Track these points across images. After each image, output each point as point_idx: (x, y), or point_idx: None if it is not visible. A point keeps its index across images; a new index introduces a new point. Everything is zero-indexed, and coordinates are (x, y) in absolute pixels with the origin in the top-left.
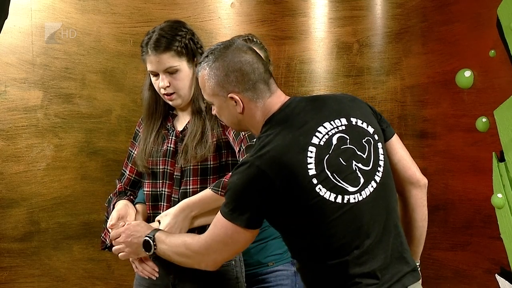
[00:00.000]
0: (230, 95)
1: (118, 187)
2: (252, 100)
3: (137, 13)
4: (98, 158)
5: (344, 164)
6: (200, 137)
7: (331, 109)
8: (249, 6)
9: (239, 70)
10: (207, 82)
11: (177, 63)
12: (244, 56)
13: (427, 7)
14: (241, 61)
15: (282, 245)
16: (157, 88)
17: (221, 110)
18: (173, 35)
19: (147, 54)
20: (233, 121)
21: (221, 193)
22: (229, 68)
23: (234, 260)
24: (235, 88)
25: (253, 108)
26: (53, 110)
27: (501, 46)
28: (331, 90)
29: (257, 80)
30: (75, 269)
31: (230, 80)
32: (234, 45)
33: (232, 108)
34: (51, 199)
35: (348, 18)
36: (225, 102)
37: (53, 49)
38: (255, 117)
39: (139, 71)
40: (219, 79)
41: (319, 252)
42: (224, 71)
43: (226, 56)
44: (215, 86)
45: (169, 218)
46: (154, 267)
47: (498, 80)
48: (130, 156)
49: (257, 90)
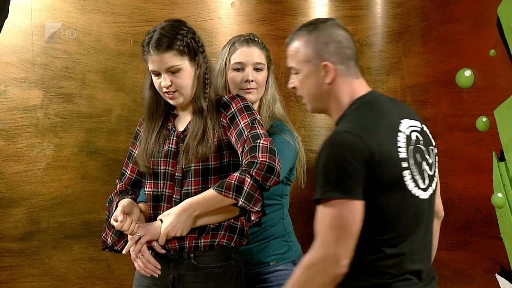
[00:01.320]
0: (324, 63)
1: (118, 187)
2: (342, 74)
3: (137, 12)
4: (98, 157)
5: (419, 161)
6: (202, 136)
7: (407, 109)
8: (249, 5)
9: (339, 42)
10: (302, 48)
11: (179, 62)
12: (343, 31)
13: (427, 6)
14: (341, 35)
15: (283, 245)
16: (158, 88)
17: (306, 79)
18: (175, 34)
19: (149, 54)
20: (316, 92)
21: (224, 193)
22: (330, 38)
23: (234, 260)
24: (332, 58)
25: (341, 82)
26: (53, 110)
27: (501, 46)
28: None
29: (351, 57)
30: (75, 269)
31: (329, 50)
32: (334, 21)
33: (320, 78)
34: (51, 198)
35: (348, 17)
36: (316, 71)
37: (53, 49)
38: (340, 93)
39: (139, 71)
40: (318, 46)
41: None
42: (325, 40)
43: (329, 27)
44: (311, 53)
45: (171, 217)
46: (156, 264)
47: (498, 79)
48: (131, 156)
49: (349, 67)
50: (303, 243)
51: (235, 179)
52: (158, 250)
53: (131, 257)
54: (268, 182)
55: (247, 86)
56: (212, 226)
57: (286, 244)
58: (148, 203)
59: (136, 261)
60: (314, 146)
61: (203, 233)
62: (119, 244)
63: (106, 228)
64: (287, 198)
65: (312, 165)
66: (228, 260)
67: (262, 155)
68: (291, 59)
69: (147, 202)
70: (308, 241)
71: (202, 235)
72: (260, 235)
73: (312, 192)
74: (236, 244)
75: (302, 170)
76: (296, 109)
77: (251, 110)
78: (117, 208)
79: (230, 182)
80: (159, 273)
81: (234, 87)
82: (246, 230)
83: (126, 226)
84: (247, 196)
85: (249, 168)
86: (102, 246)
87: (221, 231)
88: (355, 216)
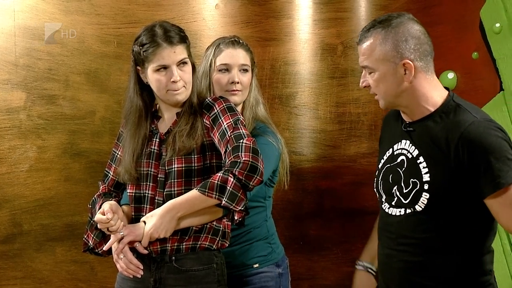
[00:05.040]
0: (404, 61)
1: (101, 188)
2: (423, 70)
3: (121, 14)
4: (82, 159)
5: None
6: (189, 129)
7: None
8: (234, 7)
9: (418, 38)
10: (379, 45)
11: (186, 55)
12: (420, 26)
13: (410, 9)
14: (419, 30)
15: (266, 247)
16: (164, 84)
17: (384, 78)
18: (178, 30)
19: (159, 47)
20: (394, 91)
21: (208, 193)
22: (409, 34)
23: (216, 263)
24: (411, 55)
25: (423, 79)
26: (36, 112)
27: (483, 48)
28: (315, 91)
29: (430, 53)
30: (58, 271)
31: (408, 46)
32: (409, 15)
33: (399, 76)
34: (34, 200)
35: (333, 20)
36: (394, 69)
37: (36, 50)
38: (422, 88)
39: (123, 72)
40: (397, 43)
41: (487, 237)
42: (404, 36)
43: (406, 23)
44: (390, 50)
45: (155, 219)
46: (138, 265)
47: (481, 82)
48: (114, 157)
49: (428, 63)
50: (287, 244)
51: (218, 179)
52: (140, 250)
53: (113, 258)
54: (251, 182)
55: (233, 87)
56: (195, 228)
57: (269, 246)
58: (130, 205)
59: (118, 262)
60: (298, 148)
61: (186, 236)
62: (101, 247)
63: (88, 230)
64: (270, 200)
65: (297, 166)
66: (210, 263)
67: (245, 155)
68: (365, 58)
69: (130, 203)
70: (292, 243)
71: (185, 238)
72: (243, 237)
73: (296, 194)
74: (218, 247)
75: (285, 172)
76: (280, 111)
77: (234, 111)
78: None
79: (213, 182)
80: (141, 273)
81: (220, 89)
82: (228, 232)
83: (113, 222)
84: (230, 196)
85: (232, 168)
86: (84, 248)
87: (204, 234)
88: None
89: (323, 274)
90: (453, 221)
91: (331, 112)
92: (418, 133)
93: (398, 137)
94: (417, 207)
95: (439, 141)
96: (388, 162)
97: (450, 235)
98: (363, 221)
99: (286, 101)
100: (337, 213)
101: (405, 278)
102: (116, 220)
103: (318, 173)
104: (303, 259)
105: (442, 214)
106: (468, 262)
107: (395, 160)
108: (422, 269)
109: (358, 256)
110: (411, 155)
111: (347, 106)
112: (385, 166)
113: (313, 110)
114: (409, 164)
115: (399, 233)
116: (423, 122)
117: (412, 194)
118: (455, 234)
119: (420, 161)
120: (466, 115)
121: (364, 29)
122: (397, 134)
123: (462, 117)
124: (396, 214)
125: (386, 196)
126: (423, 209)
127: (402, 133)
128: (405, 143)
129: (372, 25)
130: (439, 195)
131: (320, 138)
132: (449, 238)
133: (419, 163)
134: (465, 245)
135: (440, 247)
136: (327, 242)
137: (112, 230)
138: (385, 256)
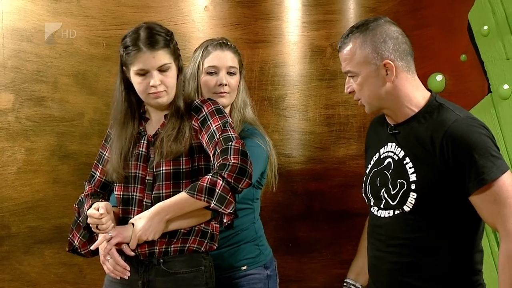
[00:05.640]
0: (385, 61)
1: (87, 189)
2: (404, 70)
3: (110, 16)
4: (70, 161)
5: None
6: (176, 133)
7: None
8: (223, 9)
9: (396, 39)
10: (359, 49)
11: (169, 60)
12: (397, 27)
13: (399, 11)
14: (396, 31)
15: (254, 249)
16: (143, 88)
17: (366, 81)
18: (165, 34)
19: (140, 52)
20: (378, 93)
21: (196, 196)
22: (387, 35)
23: (204, 266)
24: (391, 55)
25: (405, 79)
26: (24, 113)
27: (472, 51)
28: (305, 93)
29: (409, 53)
30: (46, 274)
31: (387, 47)
32: (385, 18)
33: (381, 78)
34: (22, 203)
35: (322, 22)
36: (376, 71)
37: (24, 52)
38: (404, 89)
39: (112, 74)
40: (376, 45)
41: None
42: (382, 37)
43: (382, 25)
44: (369, 53)
45: (143, 221)
46: (125, 266)
47: (469, 84)
48: (102, 158)
49: (408, 62)
50: (276, 246)
51: (207, 182)
52: (127, 252)
53: (100, 260)
54: (240, 184)
55: (221, 90)
56: (183, 231)
57: (257, 248)
58: (118, 207)
59: (105, 264)
60: (288, 150)
61: (174, 238)
62: (84, 248)
63: (74, 229)
64: (258, 202)
65: (286, 169)
66: (198, 266)
67: (234, 157)
68: (347, 63)
69: (118, 205)
70: (281, 245)
71: (173, 240)
72: (231, 239)
73: (285, 196)
74: (206, 249)
75: (273, 174)
76: (269, 113)
77: (223, 113)
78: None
79: (202, 184)
80: (128, 275)
81: (208, 91)
82: (217, 235)
83: (104, 220)
84: (219, 199)
85: (221, 171)
86: (68, 248)
87: (192, 236)
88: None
89: (312, 276)
90: (442, 220)
91: (320, 114)
92: (403, 135)
93: (384, 141)
94: (405, 207)
95: (424, 141)
96: (375, 166)
97: (439, 234)
98: (352, 223)
99: (276, 103)
100: (326, 215)
101: (395, 279)
102: (108, 219)
103: (307, 175)
104: (292, 261)
105: (430, 213)
106: (458, 261)
107: (382, 164)
108: (411, 270)
109: (347, 258)
110: (397, 156)
111: (336, 108)
112: (373, 170)
113: (302, 112)
114: (395, 166)
115: (388, 235)
116: (407, 124)
117: (399, 195)
118: (444, 233)
119: (406, 162)
120: (449, 113)
121: (343, 36)
122: (383, 138)
123: (446, 116)
124: (385, 216)
125: (375, 199)
126: (411, 209)
127: (388, 136)
128: (391, 146)
129: (350, 31)
130: (426, 194)
131: (309, 140)
132: (438, 237)
133: (405, 164)
134: (455, 244)
135: (429, 246)
136: (317, 244)
137: (102, 229)
138: (375, 258)
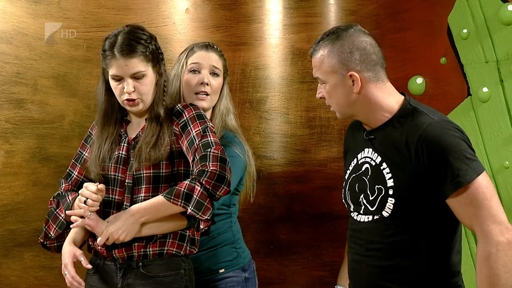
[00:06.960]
0: (350, 73)
1: (64, 187)
2: (371, 81)
3: (91, 18)
4: (50, 164)
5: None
6: (155, 141)
7: None
8: (204, 12)
9: (364, 49)
10: (327, 58)
11: (144, 68)
12: (367, 37)
13: (380, 14)
14: (365, 41)
15: (232, 252)
16: (118, 93)
17: (334, 90)
18: (141, 40)
19: (114, 58)
20: (345, 102)
21: (173, 200)
22: (354, 46)
23: (184, 269)
24: (357, 66)
25: (374, 88)
26: (4, 116)
27: (451, 54)
28: (286, 96)
29: (377, 63)
30: (26, 277)
31: (354, 58)
32: (356, 27)
33: (348, 88)
34: (1, 206)
35: (303, 24)
36: (342, 81)
37: (4, 54)
38: (374, 97)
39: (93, 76)
40: (343, 56)
41: (454, 238)
42: (348, 48)
43: (351, 35)
44: (336, 63)
45: (117, 220)
46: (80, 282)
47: (449, 87)
48: (80, 157)
49: (377, 72)
50: (257, 249)
51: (185, 187)
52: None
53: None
54: (218, 191)
55: (202, 89)
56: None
57: (235, 250)
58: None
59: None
60: (269, 153)
61: (151, 241)
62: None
63: (50, 220)
64: (235, 207)
65: (267, 171)
66: (178, 269)
67: (213, 164)
68: (316, 70)
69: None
70: (262, 247)
71: (150, 243)
72: (208, 242)
73: (266, 199)
74: (186, 253)
75: (251, 184)
76: (250, 115)
77: (203, 118)
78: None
79: (179, 189)
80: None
81: (190, 90)
82: (197, 239)
83: (99, 197)
84: (196, 205)
85: (200, 177)
86: (44, 239)
87: (169, 239)
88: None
89: (293, 278)
90: (420, 223)
91: (301, 117)
92: (379, 140)
93: (361, 146)
94: (384, 213)
95: (399, 146)
96: (353, 172)
97: (418, 237)
98: (333, 225)
99: (257, 106)
100: (307, 217)
101: (374, 283)
102: (99, 199)
103: (288, 177)
104: (273, 263)
105: (409, 217)
106: (437, 263)
107: (360, 169)
108: (390, 273)
109: (328, 260)
110: (374, 162)
111: (317, 111)
112: (351, 176)
113: (284, 115)
114: (373, 172)
115: (368, 239)
116: (383, 129)
117: (378, 200)
118: (422, 236)
119: (384, 167)
120: (423, 117)
121: (315, 42)
122: (360, 144)
123: (420, 120)
124: (364, 221)
125: (354, 205)
126: (390, 215)
127: (364, 142)
128: (368, 151)
129: (322, 38)
130: (404, 199)
131: (290, 143)
132: (417, 240)
133: (382, 169)
134: (433, 247)
135: (408, 250)
136: (298, 246)
137: (89, 204)
138: (354, 262)
